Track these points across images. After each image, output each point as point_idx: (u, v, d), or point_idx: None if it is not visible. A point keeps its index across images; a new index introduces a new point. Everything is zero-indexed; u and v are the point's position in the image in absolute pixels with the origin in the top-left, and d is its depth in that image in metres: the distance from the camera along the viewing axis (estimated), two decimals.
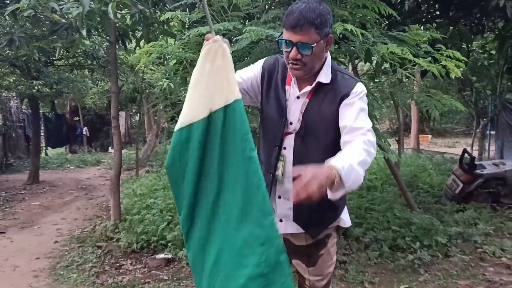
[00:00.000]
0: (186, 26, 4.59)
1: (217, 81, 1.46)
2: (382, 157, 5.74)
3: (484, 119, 10.36)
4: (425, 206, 5.69)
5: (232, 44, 3.12)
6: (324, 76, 1.63)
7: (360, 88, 1.63)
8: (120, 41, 5.49)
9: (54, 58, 7.67)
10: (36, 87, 8.78)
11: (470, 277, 3.69)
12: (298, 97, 1.68)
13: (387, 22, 4.63)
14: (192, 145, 1.48)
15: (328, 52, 1.67)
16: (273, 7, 4.03)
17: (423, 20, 5.14)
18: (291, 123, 1.69)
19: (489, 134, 11.52)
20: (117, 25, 5.16)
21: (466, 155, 6.10)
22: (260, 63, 1.81)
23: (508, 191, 5.99)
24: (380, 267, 3.95)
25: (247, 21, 4.13)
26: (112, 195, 5.38)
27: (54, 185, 9.45)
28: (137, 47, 5.57)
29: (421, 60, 3.13)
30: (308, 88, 1.66)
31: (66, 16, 4.47)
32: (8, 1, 5.05)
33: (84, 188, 9.12)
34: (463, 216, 5.05)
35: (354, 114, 1.55)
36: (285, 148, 1.71)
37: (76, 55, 7.82)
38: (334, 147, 1.59)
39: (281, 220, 1.77)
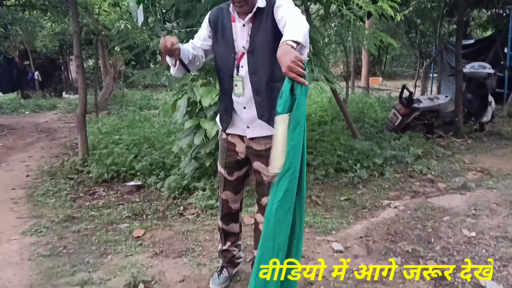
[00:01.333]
0: None
1: None
2: (332, 96, 6.30)
3: (427, 60, 11.12)
4: (368, 136, 6.36)
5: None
6: (261, 2, 2.07)
7: None
8: None
9: None
10: None
11: (399, 189, 4.39)
12: (243, 25, 2.11)
13: None
14: None
15: None
16: None
17: None
18: (243, 47, 2.13)
19: (432, 75, 12.36)
20: None
21: (405, 91, 6.76)
22: (206, 18, 2.24)
23: (440, 122, 6.79)
24: (326, 185, 4.58)
25: None
26: (79, 132, 5.65)
27: (13, 128, 9.48)
28: None
29: (360, 1, 3.57)
30: (249, 15, 2.09)
31: None
32: None
33: (44, 131, 9.21)
34: (399, 142, 5.75)
35: (285, 9, 1.97)
36: (242, 67, 2.14)
37: None
38: None
39: (248, 127, 2.22)
